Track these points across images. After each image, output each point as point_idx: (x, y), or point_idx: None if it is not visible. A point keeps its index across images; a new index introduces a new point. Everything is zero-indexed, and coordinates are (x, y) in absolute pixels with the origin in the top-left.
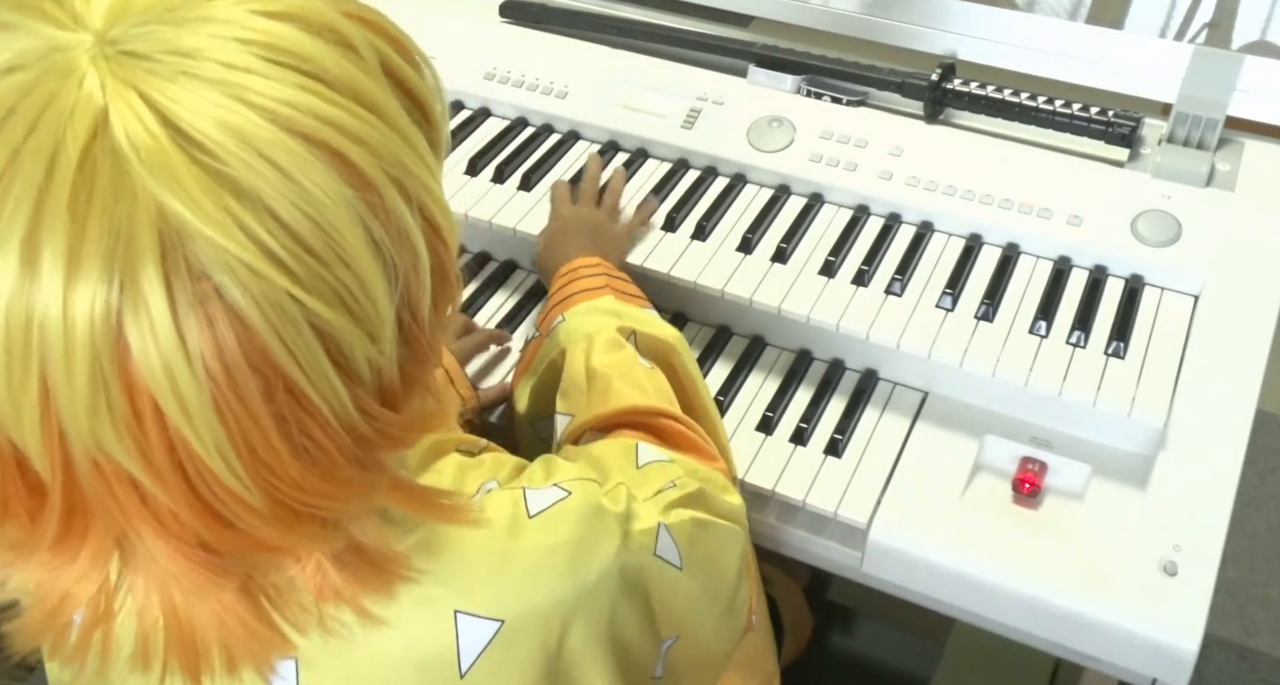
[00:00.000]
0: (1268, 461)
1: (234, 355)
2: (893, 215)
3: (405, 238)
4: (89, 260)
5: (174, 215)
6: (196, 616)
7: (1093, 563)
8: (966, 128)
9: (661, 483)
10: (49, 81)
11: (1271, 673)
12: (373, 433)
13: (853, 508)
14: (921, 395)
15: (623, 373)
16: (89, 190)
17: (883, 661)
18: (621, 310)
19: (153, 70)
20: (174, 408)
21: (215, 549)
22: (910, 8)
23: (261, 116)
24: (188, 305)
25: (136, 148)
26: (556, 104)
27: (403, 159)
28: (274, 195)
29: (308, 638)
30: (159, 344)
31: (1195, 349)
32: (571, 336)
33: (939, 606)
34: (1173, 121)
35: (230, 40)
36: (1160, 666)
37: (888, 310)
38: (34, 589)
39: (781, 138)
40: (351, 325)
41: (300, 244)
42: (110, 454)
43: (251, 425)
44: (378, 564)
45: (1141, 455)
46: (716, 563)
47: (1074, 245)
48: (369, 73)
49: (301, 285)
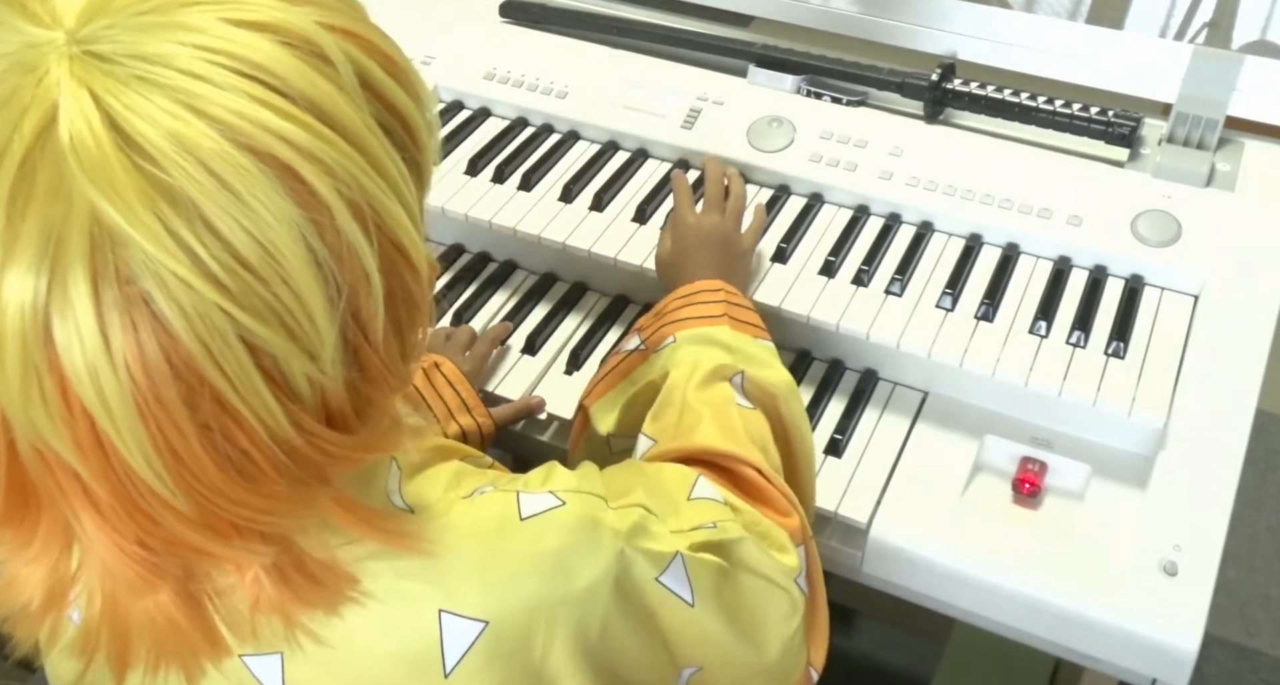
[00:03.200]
0: (1268, 461)
1: (157, 362)
2: (893, 215)
3: (354, 259)
4: (19, 257)
5: (106, 218)
6: (132, 612)
7: (1093, 563)
8: (966, 128)
9: (701, 520)
10: (12, 77)
11: (1271, 673)
12: (311, 450)
13: (853, 507)
14: (921, 395)
15: (716, 411)
16: (29, 188)
17: (883, 661)
18: (735, 345)
19: (110, 72)
20: (98, 407)
21: (150, 546)
22: (910, 8)
23: (211, 127)
24: (113, 308)
25: (78, 149)
26: (556, 104)
27: (362, 180)
28: (213, 207)
29: (246, 645)
30: (83, 344)
31: (1195, 349)
32: (677, 361)
33: (939, 606)
34: (1173, 121)
35: (194, 48)
36: (1160, 666)
37: (888, 310)
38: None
39: (781, 138)
40: (287, 342)
41: (236, 258)
42: (48, 441)
43: (174, 431)
44: (320, 580)
45: (1141, 455)
46: (750, 616)
47: (1074, 245)
48: (342, 88)
49: (233, 299)
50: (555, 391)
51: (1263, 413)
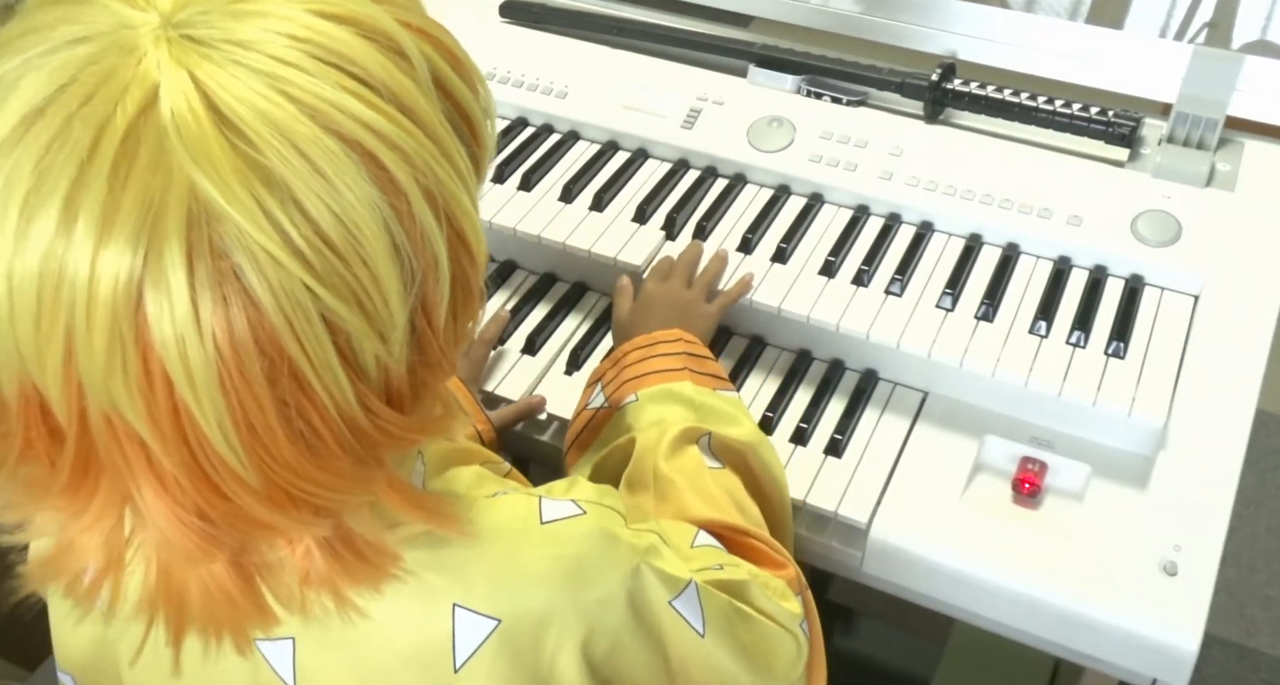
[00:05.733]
0: (1268, 461)
1: (243, 335)
2: (893, 215)
3: (427, 245)
4: (120, 227)
5: (204, 194)
6: (186, 580)
7: (1093, 563)
8: (966, 128)
9: (708, 562)
10: (111, 56)
11: (1271, 673)
12: (374, 429)
13: (853, 507)
14: (921, 395)
15: (690, 480)
16: (130, 161)
17: (883, 661)
18: (698, 400)
19: (207, 56)
20: (181, 377)
21: (211, 518)
22: (910, 8)
23: (302, 111)
24: (205, 282)
25: (179, 126)
26: (556, 104)
27: (436, 170)
28: (303, 188)
29: (294, 617)
30: (174, 315)
31: (1195, 349)
32: (641, 423)
33: (939, 606)
34: (1173, 121)
35: (283, 36)
36: (1160, 666)
37: (888, 310)
38: (54, 533)
39: (781, 138)
40: (363, 323)
41: (322, 238)
42: (122, 412)
43: (253, 404)
44: (367, 557)
45: (1141, 455)
46: (760, 656)
47: (1074, 245)
48: (417, 82)
49: (318, 278)
50: (555, 391)
51: (1263, 413)
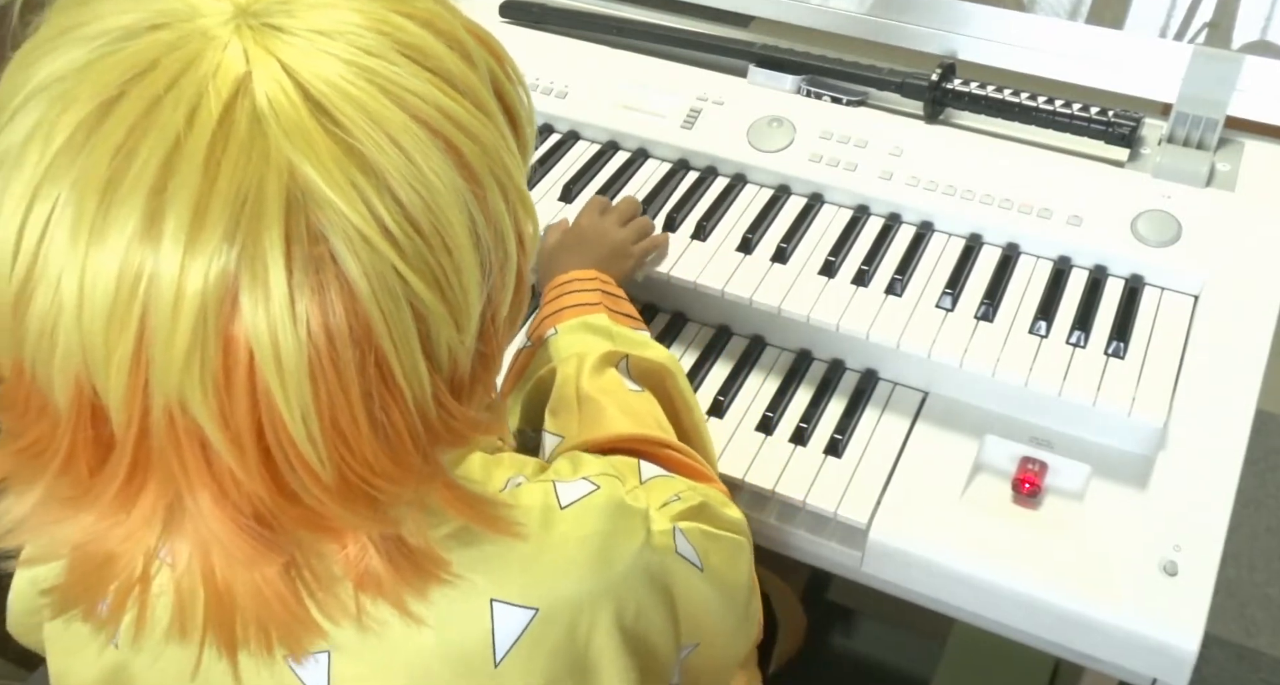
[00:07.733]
0: (1268, 461)
1: (339, 324)
2: (893, 215)
3: (501, 236)
4: (214, 217)
5: (304, 178)
6: (236, 588)
7: (1093, 563)
8: (966, 128)
9: (667, 495)
10: (193, 42)
11: (1271, 673)
12: (440, 424)
13: (853, 508)
14: (921, 395)
15: (614, 398)
16: (224, 145)
17: (883, 661)
18: (614, 330)
19: (293, 44)
20: (271, 369)
21: (268, 522)
22: (910, 8)
23: (390, 99)
24: (303, 268)
25: (276, 112)
26: (556, 104)
27: (506, 163)
28: (395, 174)
29: (344, 629)
30: (270, 303)
31: (1195, 349)
32: (561, 353)
33: (939, 606)
34: (1173, 121)
35: (365, 28)
36: (1160, 666)
37: (888, 310)
38: (77, 549)
39: (781, 138)
40: (444, 310)
41: (411, 223)
42: (190, 410)
43: (340, 396)
44: (417, 561)
45: (1141, 455)
46: (729, 573)
47: (1074, 245)
48: (482, 81)
49: (407, 261)
50: None
51: (1263, 413)
